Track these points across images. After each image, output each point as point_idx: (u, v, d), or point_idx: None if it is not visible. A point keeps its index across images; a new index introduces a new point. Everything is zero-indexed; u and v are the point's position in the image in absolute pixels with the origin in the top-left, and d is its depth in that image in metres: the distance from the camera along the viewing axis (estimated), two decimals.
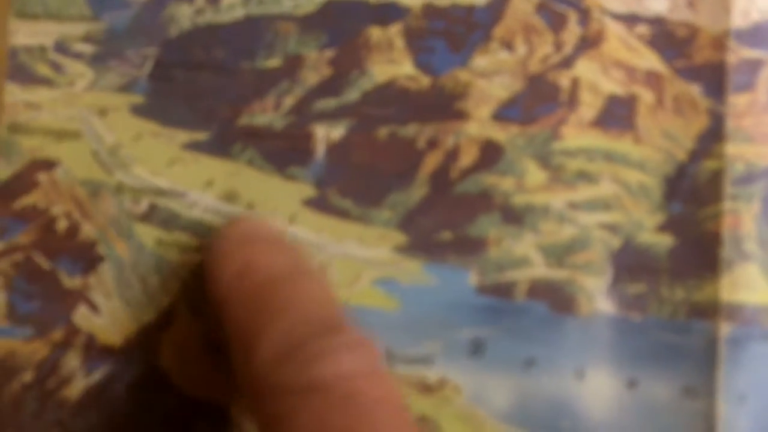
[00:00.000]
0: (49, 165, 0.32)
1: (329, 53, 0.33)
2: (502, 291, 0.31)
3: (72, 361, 0.32)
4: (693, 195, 0.32)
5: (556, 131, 0.32)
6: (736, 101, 0.32)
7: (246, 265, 0.29)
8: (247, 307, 0.28)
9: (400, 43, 0.33)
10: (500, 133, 0.32)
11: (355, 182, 0.32)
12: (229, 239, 0.30)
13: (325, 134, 0.32)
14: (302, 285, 0.28)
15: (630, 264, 0.31)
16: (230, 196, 0.32)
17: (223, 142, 0.32)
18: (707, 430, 0.30)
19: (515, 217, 0.32)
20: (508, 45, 0.33)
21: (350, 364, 0.26)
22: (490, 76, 0.32)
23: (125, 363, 0.32)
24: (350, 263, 0.32)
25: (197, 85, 0.33)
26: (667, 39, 0.32)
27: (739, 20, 0.32)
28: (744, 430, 0.31)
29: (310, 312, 0.28)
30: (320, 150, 0.32)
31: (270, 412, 0.26)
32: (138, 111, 0.33)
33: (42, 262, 0.32)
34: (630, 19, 0.32)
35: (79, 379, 0.32)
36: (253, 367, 0.27)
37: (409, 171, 0.32)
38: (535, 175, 0.32)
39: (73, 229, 0.32)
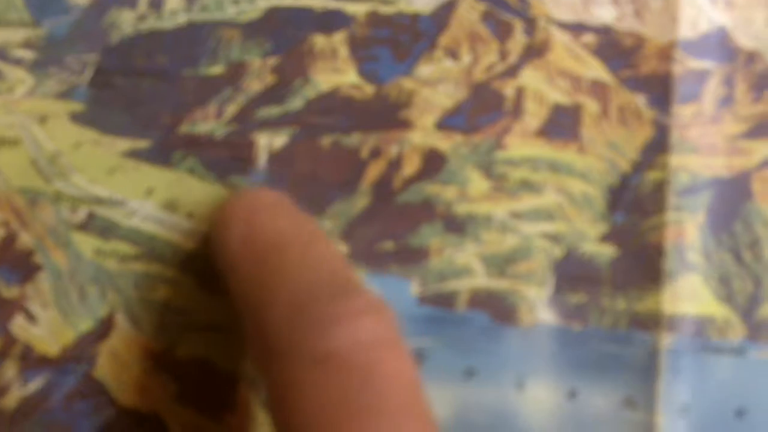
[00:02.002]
0: None
1: (273, 61, 0.35)
2: (444, 301, 0.33)
3: (8, 371, 0.34)
4: (636, 206, 0.34)
5: (500, 140, 0.34)
6: (682, 112, 0.34)
7: (251, 229, 0.30)
8: (256, 271, 0.29)
9: (344, 51, 0.35)
10: (444, 142, 0.34)
11: (297, 191, 0.34)
12: (234, 206, 0.31)
13: (268, 143, 0.34)
14: (311, 247, 0.29)
15: (572, 274, 0.33)
16: (171, 205, 0.34)
17: (164, 151, 0.34)
18: None
19: (457, 226, 0.34)
20: (453, 54, 0.35)
21: (369, 331, 0.27)
22: (435, 85, 0.34)
23: (62, 373, 0.34)
24: None
25: (138, 93, 0.34)
26: (614, 49, 0.34)
27: (686, 30, 0.34)
28: None
29: (322, 272, 0.28)
30: (262, 158, 0.34)
31: (283, 377, 0.27)
32: (78, 118, 0.34)
33: None
34: (576, 28, 0.35)
35: (16, 390, 0.34)
36: (265, 331, 0.28)
37: (351, 180, 0.34)
38: (478, 184, 0.34)
39: (11, 238, 0.34)
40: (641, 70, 0.34)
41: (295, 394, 0.27)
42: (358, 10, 0.35)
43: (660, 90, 0.34)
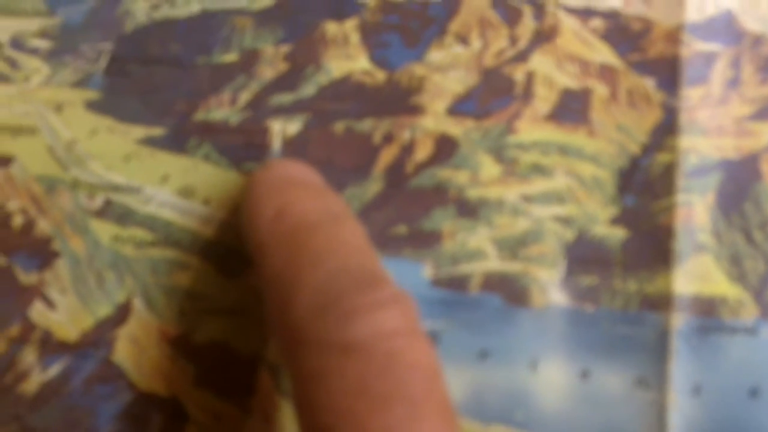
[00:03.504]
0: (4, 161, 0.35)
1: (285, 48, 0.35)
2: (457, 284, 0.34)
3: (29, 356, 0.34)
4: (646, 188, 0.34)
5: (510, 125, 0.35)
6: (690, 94, 0.34)
7: (282, 209, 0.30)
8: (284, 253, 0.30)
9: (355, 38, 0.35)
10: (455, 128, 0.35)
11: None
12: (265, 183, 0.32)
13: (282, 129, 0.35)
14: (339, 231, 0.30)
15: (583, 256, 0.34)
16: (186, 192, 0.35)
17: (179, 138, 0.35)
18: (659, 420, 0.33)
19: (470, 210, 0.34)
20: (463, 39, 0.35)
21: (391, 322, 0.27)
22: (446, 71, 0.35)
23: (81, 358, 0.34)
24: None
25: (153, 80, 0.35)
26: (622, 33, 0.35)
27: (693, 14, 0.35)
28: (698, 421, 0.33)
29: (348, 260, 0.29)
30: (276, 145, 0.35)
31: (307, 366, 0.27)
32: (93, 106, 0.35)
33: None
34: (585, 13, 0.35)
35: (36, 375, 0.34)
36: (291, 318, 0.28)
37: (364, 166, 0.35)
38: (489, 168, 0.35)
39: (29, 225, 0.35)
40: (649, 53, 0.35)
41: (318, 381, 0.28)
42: None
43: (668, 73, 0.35)
